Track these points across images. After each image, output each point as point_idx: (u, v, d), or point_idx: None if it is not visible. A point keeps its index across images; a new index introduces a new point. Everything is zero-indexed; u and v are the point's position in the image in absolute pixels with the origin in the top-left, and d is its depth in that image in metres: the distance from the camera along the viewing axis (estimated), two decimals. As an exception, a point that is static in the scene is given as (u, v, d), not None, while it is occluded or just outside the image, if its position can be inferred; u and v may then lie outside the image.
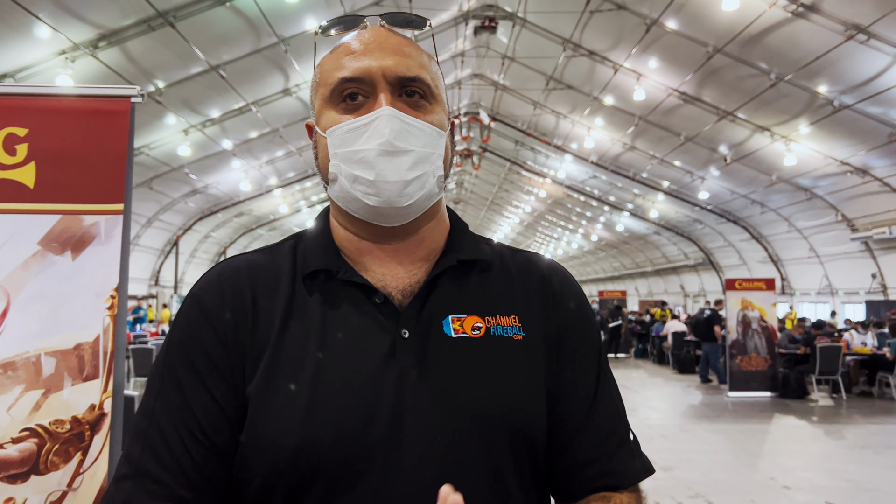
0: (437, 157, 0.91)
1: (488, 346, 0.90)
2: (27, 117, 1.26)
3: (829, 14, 9.97)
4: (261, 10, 10.83)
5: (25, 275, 1.27)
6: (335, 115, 0.91)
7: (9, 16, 9.27)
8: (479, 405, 0.86)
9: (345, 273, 0.92)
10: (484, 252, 1.00)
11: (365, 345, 0.87)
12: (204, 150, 15.80)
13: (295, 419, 0.82)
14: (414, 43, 0.96)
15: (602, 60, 13.86)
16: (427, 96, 0.92)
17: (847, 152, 13.64)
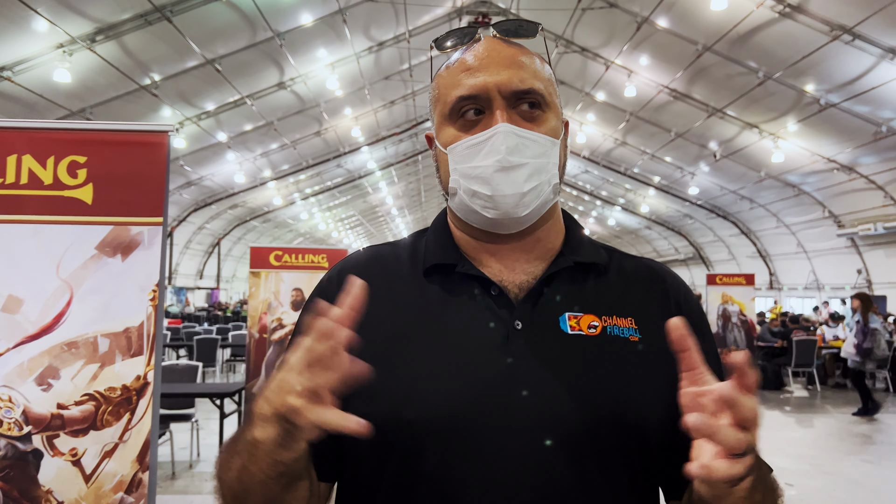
0: (552, 165, 0.95)
1: (604, 345, 0.93)
2: (86, 148, 1.56)
3: (814, 14, 10.23)
4: (256, 5, 11.01)
5: (84, 273, 1.58)
6: (454, 131, 0.95)
7: (7, 10, 9.41)
8: (592, 399, 0.88)
9: (463, 266, 0.97)
10: (601, 256, 1.03)
11: (478, 332, 0.92)
12: (199, 143, 15.99)
13: (410, 394, 0.87)
14: (526, 50, 0.98)
15: (594, 57, 14.12)
16: (541, 105, 0.95)
17: (834, 150, 13.96)
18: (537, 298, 0.95)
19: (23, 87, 11.47)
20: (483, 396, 0.86)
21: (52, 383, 1.54)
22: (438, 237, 1.03)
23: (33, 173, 1.53)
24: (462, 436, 0.85)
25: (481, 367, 0.89)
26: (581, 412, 0.87)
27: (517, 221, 0.93)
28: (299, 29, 12.41)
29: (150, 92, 12.85)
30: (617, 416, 0.88)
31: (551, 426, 0.86)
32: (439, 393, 0.87)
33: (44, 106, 12.36)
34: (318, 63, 14.20)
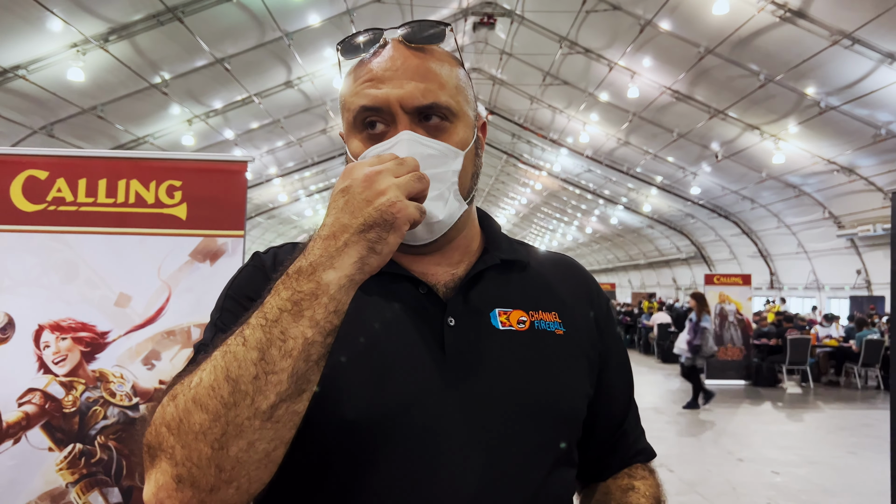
0: (451, 173, 0.93)
1: (533, 339, 0.95)
2: (181, 174, 1.93)
3: (815, 20, 10.49)
4: (266, 6, 11.28)
5: (180, 275, 1.94)
6: (358, 143, 0.94)
7: (23, 10, 9.67)
8: (529, 392, 0.91)
9: (389, 266, 0.90)
10: (521, 253, 1.07)
11: (411, 330, 0.92)
12: (206, 140, 16.30)
13: (348, 397, 0.85)
14: (434, 56, 0.96)
15: (597, 58, 14.39)
16: (447, 116, 0.93)
17: (834, 151, 14.24)
18: (466, 295, 0.96)
19: (37, 86, 11.76)
20: (424, 394, 0.87)
21: (154, 364, 1.92)
22: None
23: (139, 195, 1.90)
24: (402, 433, 0.85)
25: (419, 365, 0.89)
26: (519, 406, 0.90)
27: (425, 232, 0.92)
28: (307, 29, 12.74)
29: (160, 90, 13.14)
30: (552, 408, 0.92)
31: (490, 421, 0.88)
32: (378, 392, 0.86)
33: (56, 103, 12.63)
34: (326, 62, 14.51)
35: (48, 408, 1.86)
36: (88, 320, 1.89)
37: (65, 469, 1.86)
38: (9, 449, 1.84)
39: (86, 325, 1.88)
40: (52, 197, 1.87)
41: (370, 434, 0.85)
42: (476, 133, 1.00)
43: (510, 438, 0.88)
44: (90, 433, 1.89)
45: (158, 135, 15.33)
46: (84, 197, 1.88)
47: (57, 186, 1.86)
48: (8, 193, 1.83)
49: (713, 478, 6.20)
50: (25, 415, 1.84)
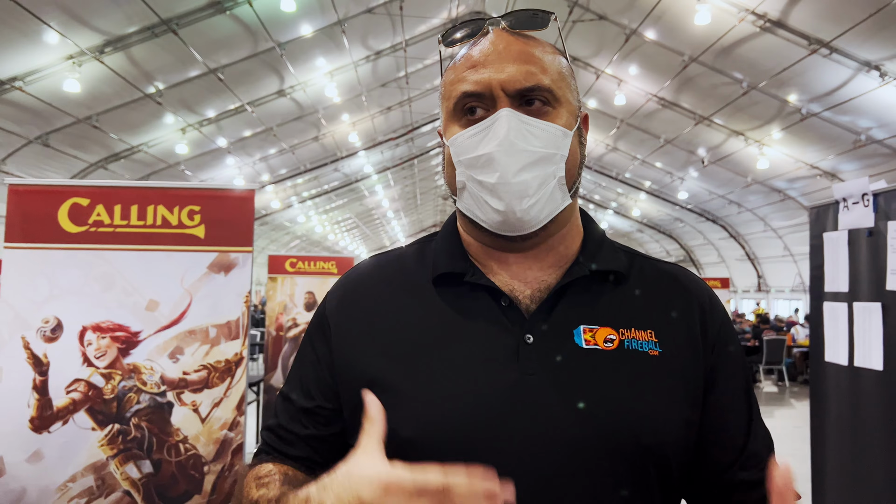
0: (559, 157, 0.90)
1: (621, 360, 0.88)
2: (200, 200, 2.34)
3: (793, 29, 10.89)
4: (258, 17, 11.64)
5: (200, 284, 2.35)
6: (457, 128, 0.92)
7: (20, 23, 9.97)
8: (606, 418, 0.84)
9: (472, 276, 0.93)
10: (620, 262, 0.99)
11: (486, 346, 0.88)
12: (200, 148, 16.67)
13: (409, 411, 0.84)
14: (538, 42, 0.94)
15: (585, 66, 14.85)
16: (550, 101, 0.91)
17: (816, 156, 14.67)
18: (550, 310, 0.91)
19: (33, 97, 12.05)
20: (488, 415, 0.83)
21: (179, 358, 2.33)
22: (447, 244, 0.99)
23: (165, 218, 2.31)
24: (463, 456, 0.78)
25: (488, 383, 0.85)
26: (595, 433, 0.83)
27: (523, 219, 0.89)
28: (299, 39, 13.10)
29: (154, 100, 13.46)
30: (634, 437, 0.84)
31: (562, 448, 0.82)
32: (440, 410, 0.84)
33: (51, 114, 12.92)
34: (318, 71, 14.90)
35: (91, 395, 2.28)
36: (124, 322, 2.31)
37: (105, 445, 2.28)
38: (60, 429, 2.25)
39: (121, 326, 2.30)
40: (92, 220, 2.29)
41: (424, 455, 0.77)
42: (579, 123, 0.96)
43: (580, 467, 0.82)
44: (126, 415, 2.31)
45: (152, 143, 15.66)
46: (119, 220, 2.31)
47: (97, 211, 2.29)
48: (56, 217, 2.25)
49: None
50: (72, 401, 2.26)
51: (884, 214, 2.52)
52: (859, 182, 2.62)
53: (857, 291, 2.69)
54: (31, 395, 2.23)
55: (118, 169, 16.43)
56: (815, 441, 3.15)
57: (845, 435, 2.80)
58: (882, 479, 2.51)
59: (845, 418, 2.79)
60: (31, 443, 2.20)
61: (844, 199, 2.71)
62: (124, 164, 16.40)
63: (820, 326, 2.96)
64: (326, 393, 0.93)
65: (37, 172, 15.19)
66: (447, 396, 0.85)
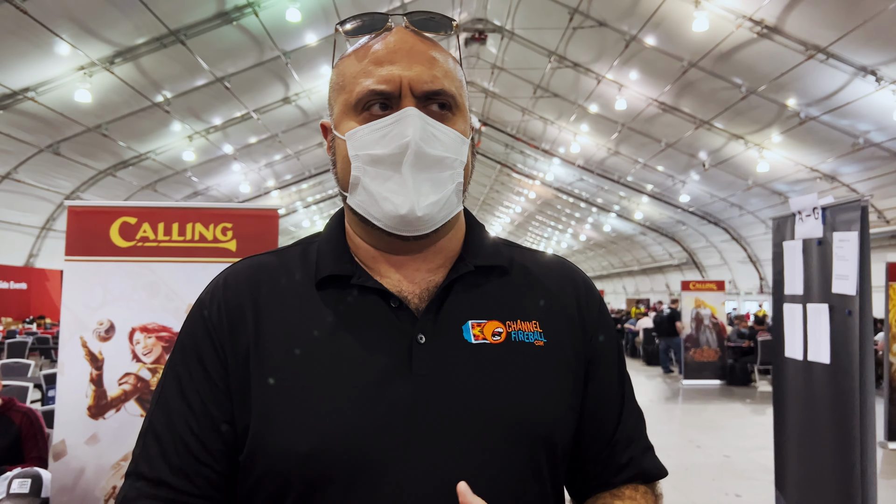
0: (458, 163, 0.91)
1: (509, 352, 0.90)
2: (232, 219, 2.72)
3: (790, 35, 11.15)
4: (264, 27, 12.01)
5: (232, 291, 2.72)
6: (355, 123, 0.90)
7: (33, 35, 10.38)
8: (500, 412, 0.86)
9: (359, 278, 0.92)
10: (502, 257, 1.00)
11: (379, 349, 0.87)
12: (206, 155, 17.10)
13: (305, 425, 0.82)
14: (439, 47, 0.94)
15: (586, 72, 15.13)
16: (451, 107, 0.91)
17: (816, 159, 14.92)
18: (439, 308, 0.91)
19: (45, 107, 12.45)
20: (385, 420, 0.83)
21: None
22: (332, 246, 0.97)
23: (202, 234, 2.69)
24: (364, 464, 0.81)
25: (383, 388, 0.84)
26: (490, 427, 0.85)
27: (420, 220, 0.88)
28: (304, 48, 13.48)
29: (162, 108, 13.89)
30: (527, 428, 0.87)
31: (460, 445, 0.83)
32: (338, 421, 0.82)
33: (62, 123, 13.33)
34: (322, 79, 15.20)
35: (139, 386, 2.66)
36: (167, 324, 2.69)
37: (152, 430, 2.67)
38: (113, 415, 2.64)
39: (165, 328, 2.68)
40: (139, 236, 2.68)
41: (326, 468, 0.81)
42: (472, 133, 0.98)
43: (481, 464, 0.84)
44: (169, 404, 2.70)
45: (160, 151, 16.08)
46: (162, 236, 2.70)
47: (143, 229, 2.67)
48: (108, 234, 2.65)
49: (668, 461, 6.97)
50: (124, 392, 2.64)
51: (830, 226, 2.88)
52: (810, 197, 2.99)
53: (809, 294, 3.05)
54: (89, 386, 2.62)
55: (126, 176, 16.87)
56: (777, 429, 3.51)
57: (802, 422, 3.16)
58: (831, 458, 2.87)
59: (801, 407, 3.15)
60: (89, 427, 2.60)
61: (800, 212, 3.07)
62: (132, 172, 16.85)
63: (781, 326, 3.32)
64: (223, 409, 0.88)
65: (47, 180, 15.64)
66: (343, 406, 0.83)
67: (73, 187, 16.54)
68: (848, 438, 2.70)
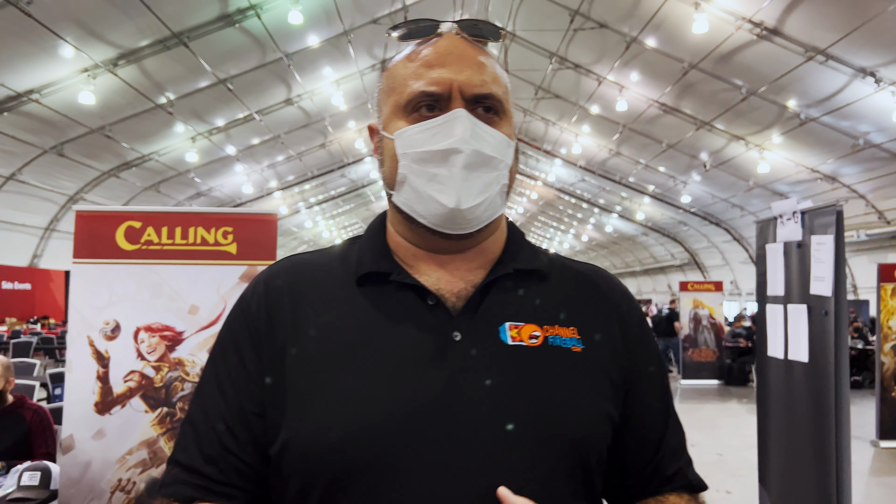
0: (504, 165, 0.93)
1: (546, 356, 0.90)
2: (232, 223, 2.85)
3: (789, 37, 11.24)
4: (266, 29, 12.16)
5: (232, 292, 2.84)
6: (405, 124, 0.93)
7: (37, 37, 10.54)
8: (534, 412, 0.86)
9: (398, 275, 0.94)
10: (542, 262, 1.01)
11: (414, 345, 0.88)
12: (209, 156, 17.28)
13: (335, 415, 0.84)
14: (488, 53, 0.97)
15: (587, 73, 15.28)
16: (498, 112, 0.94)
17: (816, 160, 15.02)
18: (476, 308, 0.92)
19: (49, 108, 12.61)
20: (418, 414, 0.84)
21: (216, 353, 2.83)
22: (373, 244, 1.00)
23: (203, 237, 2.82)
24: (393, 457, 0.82)
25: (416, 382, 0.86)
26: (525, 428, 0.85)
27: (466, 218, 0.91)
28: (306, 50, 13.64)
29: (165, 110, 14.04)
30: (560, 432, 0.87)
31: (493, 444, 0.83)
32: (368, 412, 0.83)
33: (66, 125, 13.49)
34: (324, 80, 15.44)
35: (144, 383, 2.79)
36: (170, 323, 2.82)
37: (156, 424, 2.79)
38: (119, 411, 2.77)
39: (168, 327, 2.81)
40: (144, 240, 2.81)
41: (354, 459, 0.82)
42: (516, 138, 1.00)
43: (513, 463, 0.83)
44: (172, 400, 2.82)
45: (163, 152, 16.23)
46: (166, 239, 2.83)
47: (147, 232, 2.81)
48: (114, 238, 2.77)
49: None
50: (129, 388, 2.77)
51: (809, 230, 3.00)
52: (790, 202, 3.10)
53: (790, 295, 3.17)
54: (95, 383, 2.75)
55: (130, 177, 17.04)
56: (760, 425, 3.63)
57: (782, 418, 3.28)
58: (809, 453, 2.98)
59: (782, 405, 3.26)
60: (96, 423, 2.73)
61: (781, 216, 3.18)
62: (136, 173, 17.01)
63: (764, 326, 3.44)
64: (257, 401, 0.91)
65: (51, 181, 15.80)
66: (375, 398, 0.84)
67: (76, 188, 16.71)
68: (824, 434, 2.81)
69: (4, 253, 17.17)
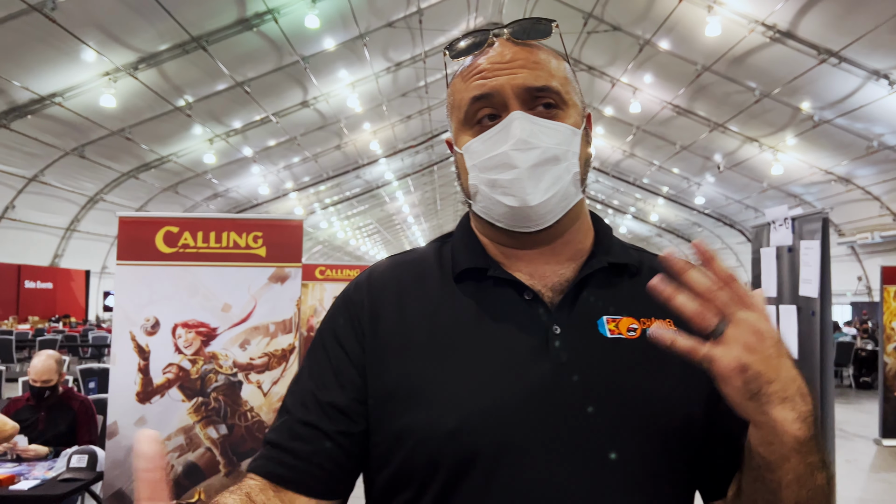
0: (571, 154, 0.93)
1: (646, 347, 0.86)
2: (262, 228, 3.13)
3: (802, 39, 11.33)
4: (283, 33, 12.42)
5: (262, 291, 3.12)
6: (470, 137, 0.95)
7: (61, 42, 10.87)
8: (638, 401, 0.88)
9: (495, 270, 0.96)
10: (633, 257, 1.02)
11: (517, 337, 0.91)
12: (226, 157, 17.61)
13: (451, 402, 0.86)
14: (542, 49, 0.98)
15: (600, 75, 15.45)
16: (558, 103, 0.94)
17: (831, 162, 15.09)
18: (573, 301, 0.94)
19: (71, 111, 12.96)
20: (528, 403, 0.85)
21: (247, 347, 3.10)
22: (465, 242, 1.02)
23: (236, 241, 3.10)
24: (511, 442, 0.84)
25: (523, 372, 0.87)
26: (630, 418, 0.87)
27: (539, 213, 0.92)
28: (322, 53, 13.88)
29: (184, 112, 14.37)
30: (664, 419, 0.88)
31: (600, 433, 0.85)
32: (483, 398, 0.85)
33: (87, 127, 13.84)
34: (340, 83, 15.68)
35: (181, 375, 3.08)
36: (205, 320, 3.11)
37: (192, 413, 3.08)
38: (158, 400, 3.06)
39: (203, 324, 3.10)
40: (181, 243, 3.09)
41: (472, 444, 0.84)
42: (584, 122, 1.00)
43: (618, 453, 0.85)
44: (207, 391, 3.11)
45: (181, 154, 16.57)
46: (201, 243, 3.11)
47: (184, 237, 3.09)
48: (154, 241, 3.06)
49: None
50: (167, 380, 3.06)
51: (798, 235, 3.21)
52: (782, 209, 3.32)
53: (781, 296, 3.38)
54: (137, 375, 3.04)
55: (149, 178, 17.41)
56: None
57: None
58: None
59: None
60: (137, 411, 3.02)
61: (773, 222, 3.40)
62: (154, 174, 17.38)
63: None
64: (359, 387, 0.93)
65: (72, 182, 16.19)
66: (487, 386, 0.86)
67: (96, 189, 17.11)
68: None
69: (27, 252, 17.60)
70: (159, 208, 19.04)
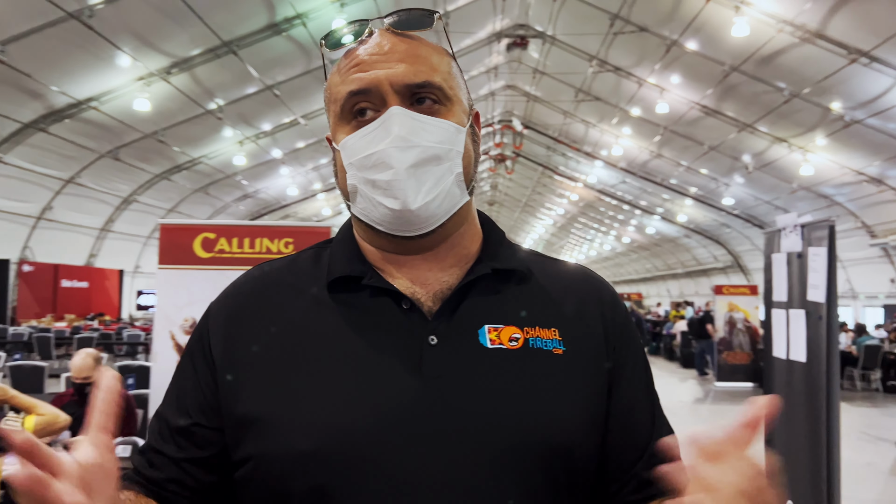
0: (455, 153, 0.89)
1: (526, 359, 0.88)
2: (293, 234, 3.35)
3: (832, 39, 11.20)
4: (312, 38, 12.61)
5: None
6: (347, 132, 0.90)
7: (97, 48, 11.27)
8: (515, 417, 0.84)
9: (370, 279, 0.91)
10: (521, 262, 0.98)
11: (388, 350, 0.86)
12: (256, 159, 17.99)
13: (307, 424, 0.82)
14: (424, 43, 0.93)
15: (627, 76, 15.42)
16: (441, 99, 0.90)
17: (862, 163, 14.86)
18: (453, 311, 0.90)
19: (107, 115, 13.38)
20: (393, 420, 0.81)
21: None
22: (344, 248, 0.98)
23: (268, 247, 3.32)
24: (367, 466, 0.80)
25: (390, 389, 0.83)
26: (504, 434, 0.83)
27: (420, 217, 0.87)
28: (352, 56, 14.09)
29: (215, 115, 14.75)
30: (542, 437, 0.84)
31: (469, 451, 0.81)
32: (342, 419, 0.81)
33: (121, 130, 14.28)
34: (367, 86, 15.85)
35: (217, 372, 3.32)
36: (239, 321, 3.34)
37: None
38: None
39: (238, 324, 3.33)
40: (217, 248, 3.32)
41: (327, 467, 0.80)
42: (470, 120, 0.96)
43: (493, 471, 0.81)
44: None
45: (212, 155, 16.96)
46: (236, 248, 3.34)
47: (220, 242, 3.32)
48: (192, 247, 3.29)
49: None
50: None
51: (807, 241, 3.33)
52: (792, 216, 3.45)
53: (791, 300, 3.50)
54: (176, 372, 3.25)
55: (180, 179, 17.84)
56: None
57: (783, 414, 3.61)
58: (804, 446, 3.31)
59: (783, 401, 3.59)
60: (177, 405, 3.23)
61: (784, 228, 3.52)
62: (186, 175, 17.80)
63: (770, 328, 3.77)
64: (206, 411, 0.90)
65: (107, 183, 16.67)
66: (348, 404, 0.83)
67: (130, 190, 17.58)
68: (818, 427, 3.15)
69: (64, 252, 18.13)
70: (190, 209, 19.50)
